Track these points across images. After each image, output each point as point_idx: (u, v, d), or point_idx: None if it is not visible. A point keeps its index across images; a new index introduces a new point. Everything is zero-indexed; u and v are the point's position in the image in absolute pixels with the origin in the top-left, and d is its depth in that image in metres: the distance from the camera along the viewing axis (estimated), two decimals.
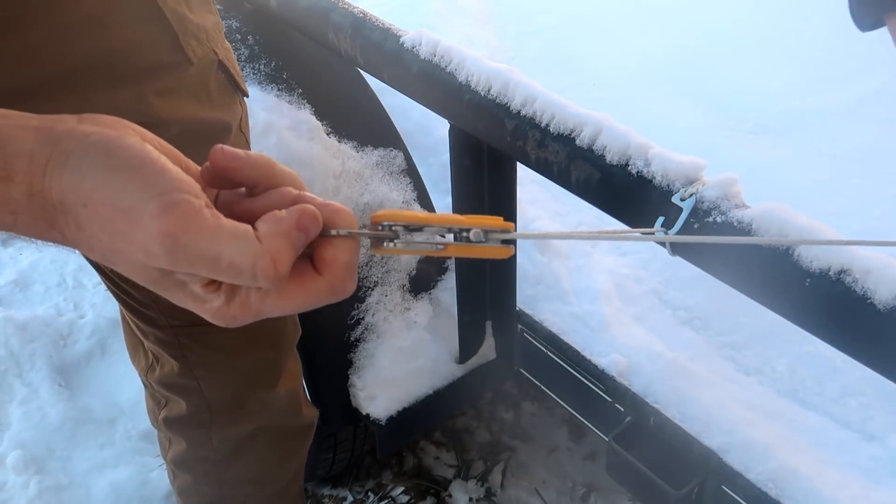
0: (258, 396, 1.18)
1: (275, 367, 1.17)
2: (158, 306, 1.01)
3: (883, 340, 0.72)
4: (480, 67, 1.05)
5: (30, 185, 0.42)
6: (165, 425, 1.21)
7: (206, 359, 1.09)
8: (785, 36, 1.73)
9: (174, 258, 0.42)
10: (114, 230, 0.42)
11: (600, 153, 0.92)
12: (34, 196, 0.42)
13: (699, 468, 1.09)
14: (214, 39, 0.91)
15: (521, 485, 1.81)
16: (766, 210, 0.80)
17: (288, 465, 1.33)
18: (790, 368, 1.17)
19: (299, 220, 0.44)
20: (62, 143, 0.42)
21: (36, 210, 0.42)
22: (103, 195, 0.41)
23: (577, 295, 1.30)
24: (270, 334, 1.13)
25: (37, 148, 0.42)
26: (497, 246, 0.48)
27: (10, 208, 0.42)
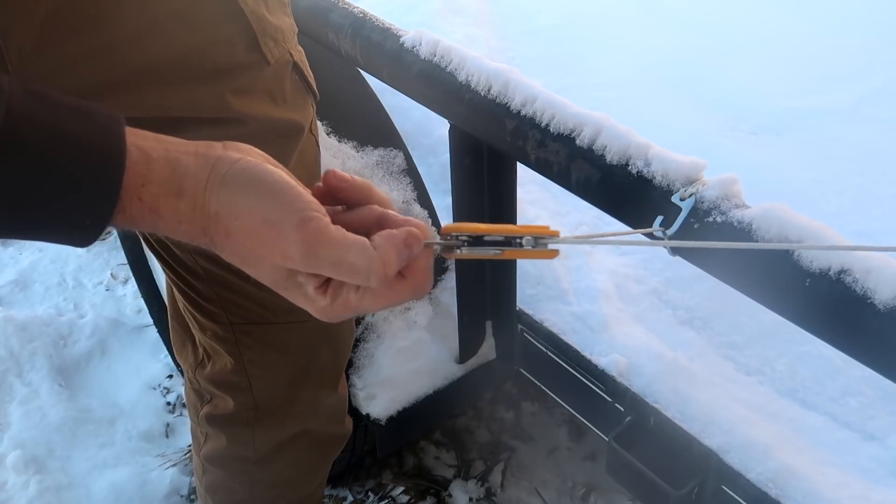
0: (307, 399, 1.18)
1: (328, 372, 1.17)
2: (221, 301, 1.02)
3: (883, 340, 0.72)
4: (480, 67, 1.05)
5: (193, 200, 0.52)
6: (207, 421, 1.20)
7: (261, 357, 1.10)
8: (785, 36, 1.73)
9: (307, 260, 0.53)
10: (260, 239, 0.53)
11: (600, 153, 0.92)
12: (196, 209, 0.53)
13: (699, 468, 1.09)
14: (290, 41, 0.91)
15: (521, 485, 1.81)
16: (766, 210, 0.80)
17: (320, 471, 1.33)
18: (790, 368, 1.17)
19: (406, 238, 0.55)
20: (217, 167, 0.53)
21: (196, 220, 0.53)
22: (254, 211, 0.53)
23: (577, 295, 1.30)
24: (328, 337, 1.13)
25: (198, 170, 0.53)
26: (545, 250, 0.58)
27: (178, 218, 0.53)
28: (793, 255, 0.77)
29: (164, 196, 0.52)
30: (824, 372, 1.15)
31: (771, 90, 1.60)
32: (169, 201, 0.52)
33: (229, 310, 1.04)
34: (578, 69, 1.69)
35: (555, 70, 1.68)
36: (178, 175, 0.52)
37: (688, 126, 1.51)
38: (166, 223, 0.53)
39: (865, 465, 1.05)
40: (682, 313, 1.27)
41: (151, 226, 0.53)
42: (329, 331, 1.11)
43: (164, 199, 0.52)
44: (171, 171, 0.52)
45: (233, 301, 1.02)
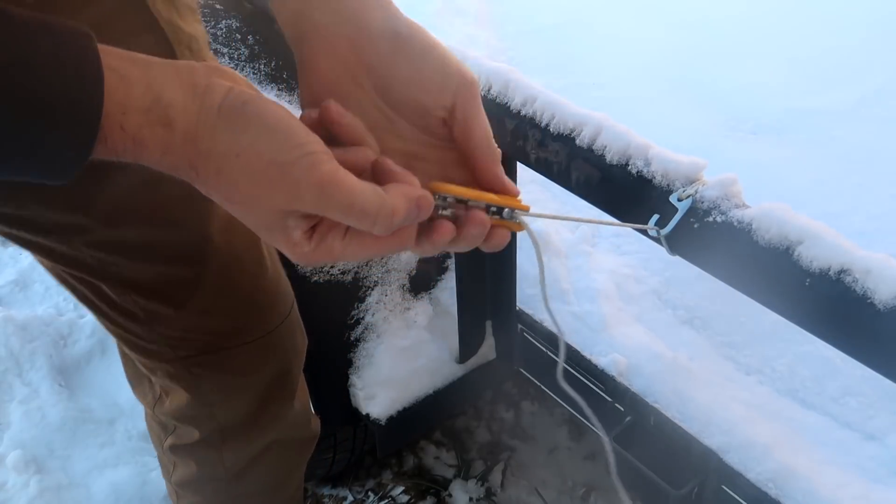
0: (272, 412, 1.16)
1: (289, 381, 1.16)
2: (166, 340, 0.99)
3: (883, 340, 0.72)
4: (480, 67, 1.05)
5: (184, 133, 0.49)
6: (173, 452, 1.18)
7: (219, 384, 1.07)
8: (785, 36, 1.73)
9: (319, 203, 0.51)
10: (263, 179, 0.50)
11: (600, 153, 0.92)
12: (187, 142, 0.49)
13: (699, 468, 1.09)
14: (205, 50, 0.89)
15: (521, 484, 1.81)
16: (765, 210, 0.80)
17: (295, 474, 1.33)
18: (790, 368, 1.17)
19: (419, 199, 0.54)
20: (208, 98, 0.50)
21: (184, 153, 0.50)
22: (259, 150, 0.50)
23: (577, 295, 1.30)
24: (281, 349, 1.12)
25: (186, 99, 0.49)
26: (515, 222, 0.62)
27: (164, 149, 0.49)
28: (793, 255, 0.77)
29: (148, 126, 0.49)
30: (824, 372, 1.15)
31: (771, 90, 1.60)
32: (155, 131, 0.49)
33: (176, 347, 1.01)
34: (578, 69, 1.69)
35: (555, 70, 1.68)
36: (162, 104, 0.49)
37: (688, 126, 1.51)
38: (150, 154, 0.50)
39: (865, 465, 1.05)
40: (682, 313, 1.27)
41: (134, 156, 0.50)
42: (282, 342, 1.09)
43: (148, 129, 0.49)
44: (154, 99, 0.48)
45: (177, 337, 0.99)
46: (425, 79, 0.58)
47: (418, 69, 0.58)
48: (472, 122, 0.59)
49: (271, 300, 1.03)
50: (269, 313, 1.04)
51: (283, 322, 1.06)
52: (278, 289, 1.05)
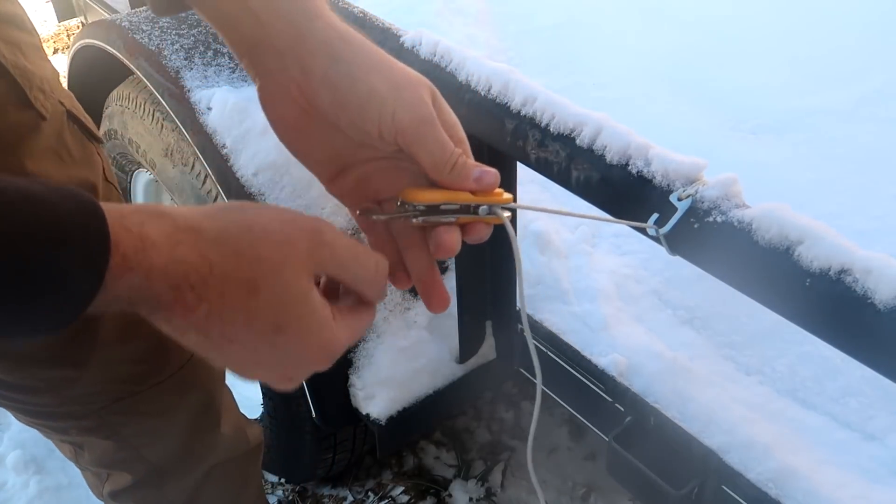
0: (203, 442, 1.15)
1: (212, 409, 1.14)
2: (75, 400, 0.96)
3: (883, 340, 0.72)
4: (480, 67, 1.05)
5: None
6: (113, 498, 1.15)
7: (141, 427, 1.05)
8: (785, 36, 1.73)
9: (314, 254, 0.56)
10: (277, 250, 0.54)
11: (600, 153, 0.92)
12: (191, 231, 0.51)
13: (699, 468, 1.09)
14: (57, 89, 0.86)
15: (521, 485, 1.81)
16: (766, 210, 0.80)
17: (251, 482, 1.31)
18: (790, 368, 1.16)
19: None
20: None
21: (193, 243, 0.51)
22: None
23: (577, 295, 1.30)
24: (200, 381, 1.09)
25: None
26: (495, 217, 0.61)
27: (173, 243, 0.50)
28: (793, 254, 0.77)
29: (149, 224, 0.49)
30: (824, 372, 1.15)
31: (771, 90, 1.60)
32: (157, 224, 0.49)
33: (87, 403, 0.98)
34: (578, 69, 1.68)
35: (555, 70, 1.68)
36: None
37: (688, 126, 1.51)
38: (158, 254, 0.49)
39: (865, 465, 1.05)
40: (683, 313, 1.27)
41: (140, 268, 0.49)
42: (198, 374, 1.08)
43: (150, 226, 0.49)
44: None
45: (86, 394, 0.97)
46: (368, 121, 0.60)
47: (360, 115, 0.60)
48: (419, 154, 0.60)
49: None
50: (177, 350, 1.00)
51: (195, 354, 1.03)
52: None
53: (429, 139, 0.61)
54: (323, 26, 0.60)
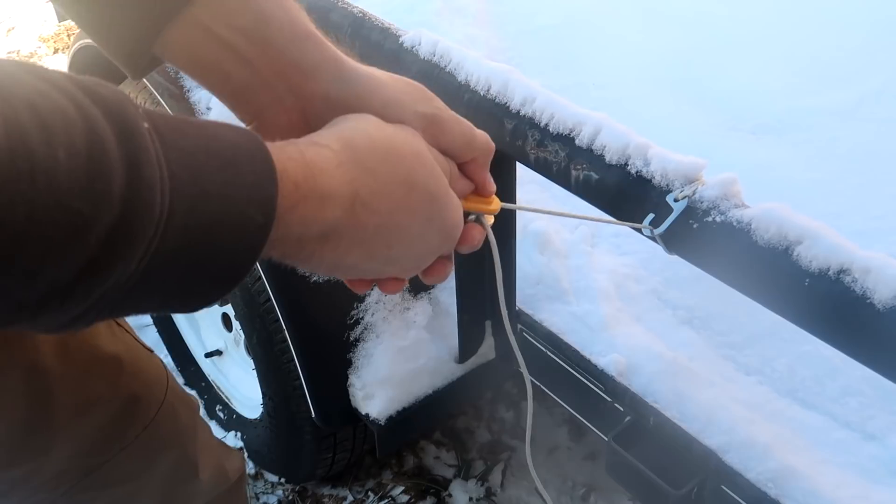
0: (182, 494, 1.13)
1: (186, 460, 1.12)
2: (39, 486, 0.93)
3: (883, 340, 0.72)
4: (480, 67, 1.05)
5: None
6: None
7: (113, 497, 1.03)
8: (785, 36, 1.73)
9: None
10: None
11: (599, 153, 0.92)
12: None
13: (699, 468, 1.09)
14: None
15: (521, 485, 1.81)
16: (765, 210, 0.80)
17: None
18: (790, 368, 1.16)
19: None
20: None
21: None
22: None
23: (577, 295, 1.30)
24: (168, 435, 1.07)
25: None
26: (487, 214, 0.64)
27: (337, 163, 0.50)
28: (792, 254, 0.77)
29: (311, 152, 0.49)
30: (824, 372, 1.15)
31: (771, 90, 1.59)
32: (321, 153, 0.50)
33: (53, 488, 0.95)
34: (578, 69, 1.68)
35: (555, 70, 1.67)
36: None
37: (688, 126, 1.51)
38: (322, 172, 0.49)
39: (865, 465, 1.05)
40: (682, 313, 1.27)
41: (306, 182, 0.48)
42: (164, 429, 1.05)
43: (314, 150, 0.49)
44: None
45: (50, 478, 0.94)
46: None
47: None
48: (447, 144, 0.61)
49: (137, 395, 0.98)
50: (140, 409, 0.99)
51: (160, 409, 1.01)
52: (146, 379, 1.00)
53: (452, 121, 0.61)
54: (312, 47, 0.59)
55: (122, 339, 0.98)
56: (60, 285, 0.36)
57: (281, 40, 0.57)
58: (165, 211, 0.39)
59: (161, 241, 0.39)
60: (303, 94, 0.58)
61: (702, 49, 1.71)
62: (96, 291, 0.38)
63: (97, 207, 0.36)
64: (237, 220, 0.42)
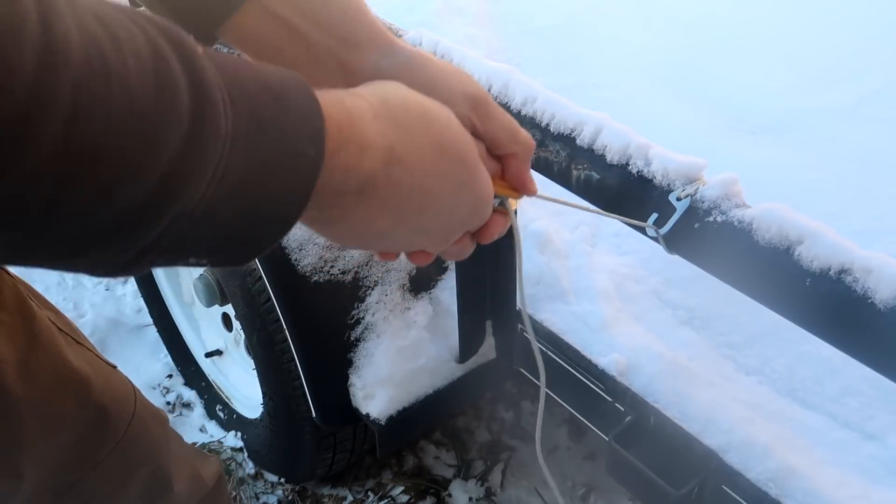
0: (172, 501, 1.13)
1: (161, 474, 1.11)
2: (20, 500, 0.92)
3: (883, 340, 0.72)
4: (480, 67, 1.05)
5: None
6: None
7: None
8: (785, 36, 1.73)
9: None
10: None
11: (600, 153, 0.92)
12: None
13: (699, 468, 1.09)
14: None
15: (521, 484, 1.81)
16: (766, 210, 0.80)
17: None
18: (790, 368, 1.17)
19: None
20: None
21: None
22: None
23: (577, 294, 1.30)
24: (141, 451, 1.06)
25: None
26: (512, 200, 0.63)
27: (374, 114, 0.49)
28: (793, 254, 0.77)
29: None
30: (824, 372, 1.15)
31: (771, 90, 1.60)
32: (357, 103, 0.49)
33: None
34: (578, 69, 1.69)
35: (555, 70, 1.68)
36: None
37: (688, 126, 1.51)
38: (361, 120, 0.49)
39: (865, 465, 1.05)
40: (682, 313, 1.27)
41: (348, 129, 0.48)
42: (137, 445, 1.04)
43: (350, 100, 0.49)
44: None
45: (28, 498, 0.93)
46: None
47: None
48: (492, 129, 0.61)
49: (107, 410, 0.97)
50: (110, 424, 0.98)
51: (130, 424, 1.01)
52: (114, 394, 0.99)
53: (499, 109, 0.61)
54: (364, 24, 0.59)
55: (84, 356, 0.97)
56: (135, 204, 0.36)
57: (334, 17, 0.58)
58: (230, 133, 0.39)
59: (227, 166, 0.39)
60: (353, 69, 0.58)
61: (702, 49, 1.71)
62: (167, 214, 0.38)
63: (168, 120, 0.36)
64: (291, 152, 0.42)
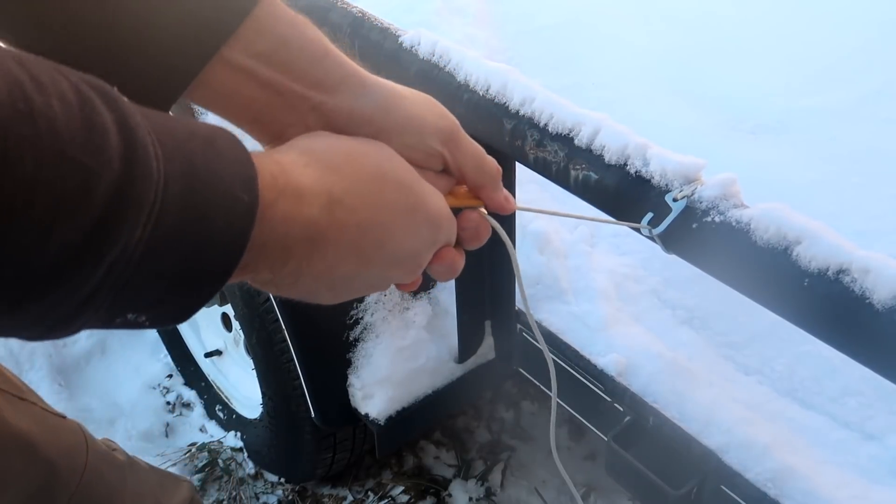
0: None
1: (150, 486, 1.11)
2: None
3: (882, 340, 0.72)
4: (479, 67, 1.05)
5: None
6: None
7: None
8: (785, 36, 1.73)
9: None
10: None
11: (599, 153, 0.92)
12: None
13: (698, 468, 1.09)
14: None
15: (521, 484, 1.81)
16: (765, 210, 0.80)
17: None
18: (789, 368, 1.16)
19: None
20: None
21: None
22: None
23: (576, 294, 1.30)
24: (98, 494, 1.05)
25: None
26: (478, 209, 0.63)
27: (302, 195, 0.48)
28: (791, 254, 0.77)
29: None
30: (824, 372, 1.15)
31: (771, 90, 1.59)
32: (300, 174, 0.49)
33: None
34: (578, 69, 1.68)
35: (555, 70, 1.67)
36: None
37: (687, 126, 1.51)
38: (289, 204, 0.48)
39: (865, 465, 1.05)
40: (682, 313, 1.27)
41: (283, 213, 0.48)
42: (94, 491, 1.02)
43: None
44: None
45: None
46: (410, 140, 0.59)
47: (400, 138, 0.59)
48: (461, 160, 0.61)
49: (55, 465, 0.95)
50: (61, 480, 0.96)
51: (83, 476, 1.00)
52: (62, 446, 0.97)
53: (468, 139, 0.62)
54: (333, 65, 0.58)
55: (28, 412, 0.95)
56: (71, 247, 0.36)
57: (302, 63, 0.56)
58: (162, 177, 0.39)
59: (161, 210, 0.39)
60: (326, 111, 0.57)
61: (702, 49, 1.71)
62: (105, 258, 0.37)
63: (99, 162, 0.36)
64: (226, 197, 0.42)
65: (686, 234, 0.83)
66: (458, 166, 0.61)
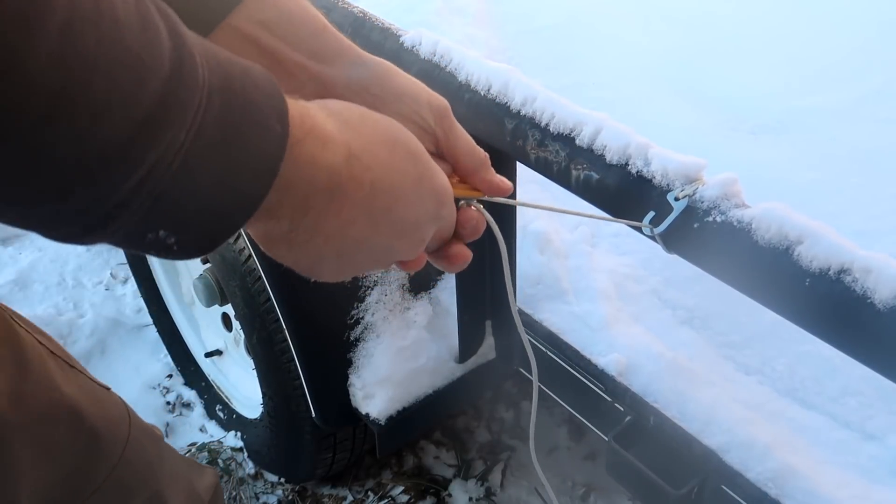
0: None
1: (158, 499, 1.09)
2: None
3: (883, 340, 0.72)
4: (480, 67, 1.05)
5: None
6: None
7: None
8: (785, 36, 1.73)
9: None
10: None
11: (600, 153, 0.92)
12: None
13: (699, 468, 1.09)
14: None
15: (521, 484, 1.81)
16: (765, 210, 0.80)
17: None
18: (790, 368, 1.17)
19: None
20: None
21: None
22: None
23: (577, 294, 1.30)
24: (138, 472, 1.04)
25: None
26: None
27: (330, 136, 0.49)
28: (792, 254, 0.77)
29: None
30: (824, 372, 1.15)
31: (771, 90, 1.60)
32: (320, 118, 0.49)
33: None
34: (578, 69, 1.68)
35: (555, 70, 1.68)
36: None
37: (688, 126, 1.51)
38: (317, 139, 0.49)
39: (865, 465, 1.05)
40: (682, 313, 1.27)
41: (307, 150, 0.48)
42: (134, 468, 1.02)
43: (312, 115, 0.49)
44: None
45: None
46: (407, 112, 0.61)
47: (398, 109, 0.61)
48: (453, 141, 0.62)
49: (100, 435, 0.95)
50: (105, 449, 0.96)
51: (126, 447, 0.99)
52: (108, 417, 0.97)
53: (458, 126, 0.63)
54: (331, 38, 0.61)
55: (76, 380, 0.95)
56: (121, 137, 0.37)
57: (302, 33, 0.60)
58: (206, 86, 0.40)
59: (203, 120, 0.40)
60: (325, 81, 0.60)
61: (702, 49, 1.71)
62: (148, 158, 0.38)
63: (152, 57, 0.37)
64: (260, 125, 0.43)
65: (687, 234, 0.84)
66: (451, 148, 0.62)
